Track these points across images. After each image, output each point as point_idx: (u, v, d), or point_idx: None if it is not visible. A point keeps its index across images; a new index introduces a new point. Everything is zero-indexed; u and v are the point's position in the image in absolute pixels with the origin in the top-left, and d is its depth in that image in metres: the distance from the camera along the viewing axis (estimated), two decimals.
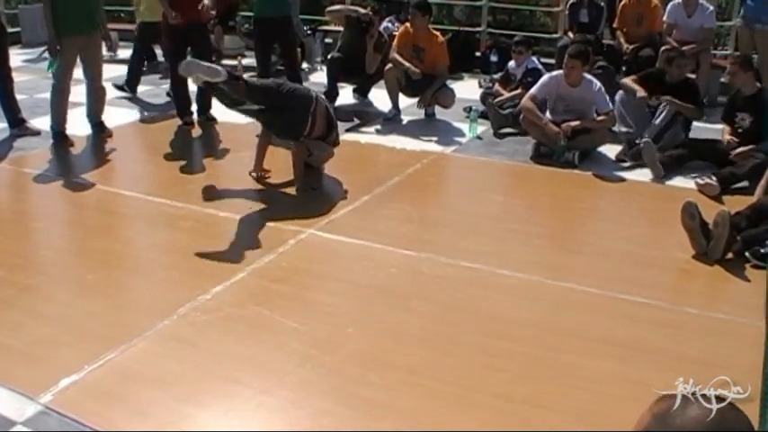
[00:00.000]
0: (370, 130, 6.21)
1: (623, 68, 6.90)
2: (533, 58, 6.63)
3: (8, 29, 6.82)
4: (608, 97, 5.39)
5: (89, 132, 5.92)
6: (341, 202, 4.52)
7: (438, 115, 6.54)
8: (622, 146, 5.41)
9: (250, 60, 7.87)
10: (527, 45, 6.69)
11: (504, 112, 6.11)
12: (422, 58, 6.37)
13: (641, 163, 5.15)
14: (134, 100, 7.13)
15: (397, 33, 6.72)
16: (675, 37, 6.70)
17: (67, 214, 4.62)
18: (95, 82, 5.80)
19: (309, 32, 8.80)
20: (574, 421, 2.49)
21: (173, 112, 6.38)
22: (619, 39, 7.12)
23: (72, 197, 4.71)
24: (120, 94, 7.10)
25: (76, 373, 2.70)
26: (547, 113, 5.47)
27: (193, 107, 6.30)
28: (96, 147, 5.75)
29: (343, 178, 4.92)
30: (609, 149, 5.49)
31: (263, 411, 2.58)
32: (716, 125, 5.42)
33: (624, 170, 5.19)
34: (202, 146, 5.96)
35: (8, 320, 3.13)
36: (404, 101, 6.56)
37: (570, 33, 7.22)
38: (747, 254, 3.71)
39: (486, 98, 6.47)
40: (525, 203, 4.93)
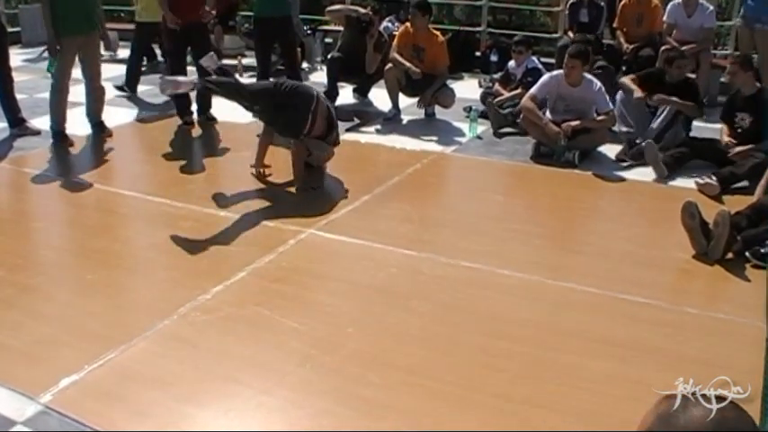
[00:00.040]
0: (370, 130, 6.21)
1: (623, 68, 6.90)
2: (533, 58, 6.63)
3: (8, 28, 6.83)
4: (608, 97, 5.39)
5: (89, 132, 5.92)
6: (341, 202, 4.52)
7: (438, 115, 6.55)
8: (622, 146, 5.41)
9: (250, 60, 7.87)
10: (527, 45, 6.69)
11: (503, 112, 6.11)
12: (422, 58, 6.36)
13: (642, 162, 5.15)
14: (134, 100, 7.14)
15: (397, 33, 6.71)
16: (675, 37, 6.70)
17: (67, 214, 4.62)
18: (94, 82, 5.80)
19: (309, 32, 8.80)
20: (574, 421, 2.49)
21: (173, 112, 6.38)
22: (619, 38, 7.13)
23: (72, 197, 4.70)
24: (120, 94, 7.11)
25: (77, 373, 2.70)
26: (547, 113, 5.47)
27: (193, 107, 6.31)
28: (96, 146, 5.75)
29: (343, 178, 4.92)
30: (609, 149, 5.49)
31: (264, 411, 2.57)
32: (716, 125, 5.42)
33: (624, 170, 5.19)
34: (202, 145, 5.96)
35: (8, 320, 3.13)
36: (404, 101, 6.56)
37: (570, 33, 7.22)
38: (747, 254, 3.71)
39: (486, 98, 6.48)
40: (525, 203, 4.93)
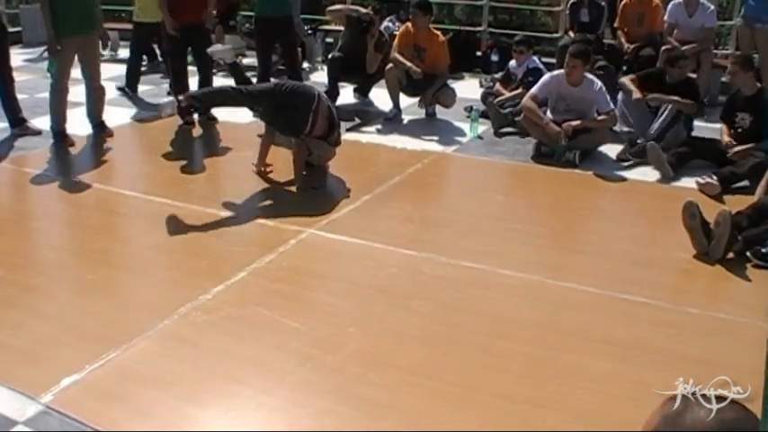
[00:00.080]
0: (370, 130, 6.21)
1: (624, 68, 6.89)
2: (534, 58, 6.63)
3: (9, 28, 6.83)
4: (609, 97, 5.39)
5: (90, 132, 5.92)
6: (342, 202, 4.52)
7: (439, 115, 6.54)
8: (624, 145, 5.41)
9: (251, 60, 7.87)
10: (528, 44, 6.69)
11: (504, 112, 6.11)
12: (422, 58, 6.36)
13: (643, 162, 5.15)
14: (135, 99, 7.13)
15: (398, 33, 6.71)
16: (676, 36, 6.70)
17: (68, 214, 4.62)
18: (94, 81, 5.81)
19: (310, 32, 8.80)
20: (574, 421, 2.49)
21: (173, 112, 6.37)
22: (619, 38, 7.12)
23: (72, 197, 4.70)
24: (120, 94, 7.11)
25: (77, 373, 2.70)
26: (548, 113, 5.47)
27: None
28: (97, 146, 5.75)
29: (344, 177, 4.92)
30: (610, 149, 5.49)
31: (264, 411, 2.57)
32: (717, 125, 5.40)
33: (625, 170, 5.19)
34: (203, 145, 5.96)
35: (9, 320, 3.13)
36: (405, 100, 6.56)
37: (571, 33, 7.22)
38: (748, 253, 3.70)
39: (486, 98, 6.48)
40: (526, 203, 4.93)
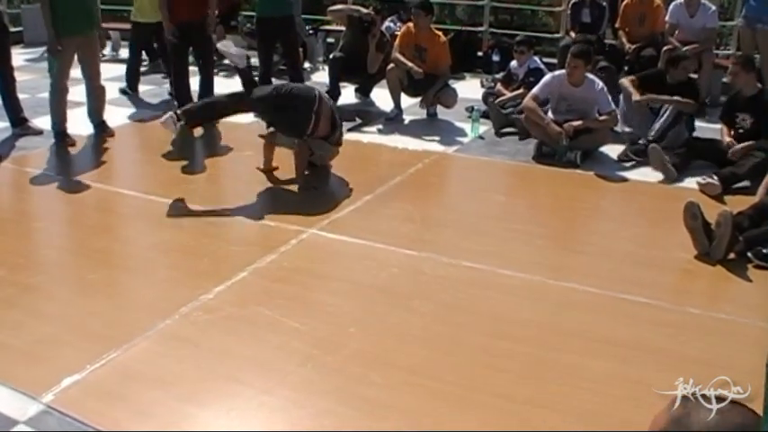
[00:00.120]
0: (372, 130, 6.21)
1: (625, 68, 6.89)
2: (535, 58, 6.62)
3: (10, 28, 6.83)
4: (610, 97, 5.38)
5: (91, 132, 5.92)
6: (343, 202, 4.52)
7: (440, 115, 6.54)
8: (625, 146, 5.41)
9: (252, 60, 7.86)
10: (529, 45, 6.69)
11: (504, 112, 6.10)
12: (424, 58, 6.36)
13: (644, 162, 5.14)
14: (135, 99, 7.13)
15: (399, 33, 6.71)
16: (678, 37, 6.68)
17: (69, 214, 4.62)
18: (94, 81, 5.81)
19: (311, 32, 8.79)
20: (574, 421, 2.49)
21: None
22: (621, 39, 7.11)
23: (73, 197, 4.70)
24: (122, 94, 7.12)
25: (78, 373, 2.70)
26: (549, 113, 5.47)
27: None
28: (98, 146, 5.75)
29: (345, 178, 4.92)
30: (611, 149, 5.49)
31: (265, 411, 2.58)
32: (718, 125, 5.40)
33: (626, 170, 5.18)
34: (204, 145, 5.96)
35: (9, 320, 3.13)
36: (406, 101, 6.56)
37: (572, 33, 7.21)
38: (750, 254, 3.70)
39: (487, 98, 6.47)
40: (527, 203, 4.92)
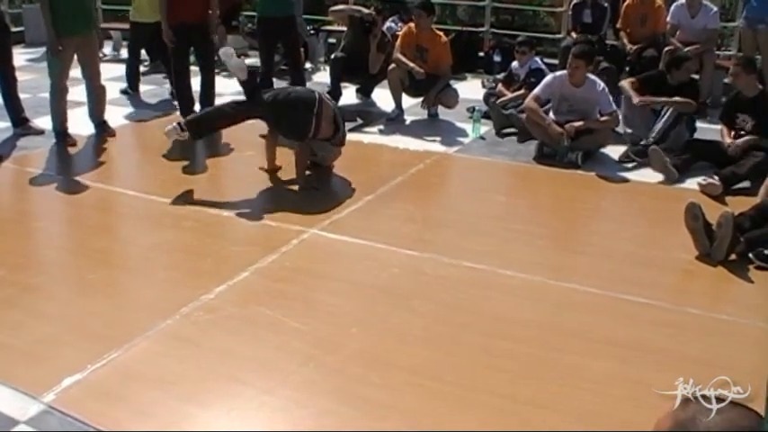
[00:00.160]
0: (373, 130, 6.21)
1: (626, 69, 6.89)
2: (536, 59, 6.62)
3: (12, 28, 6.83)
4: (611, 98, 5.38)
5: (92, 132, 5.93)
6: (344, 202, 4.52)
7: (441, 115, 6.54)
8: (626, 146, 5.40)
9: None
10: (530, 45, 6.69)
11: (505, 113, 6.10)
12: (425, 59, 6.36)
13: (645, 163, 5.14)
14: (136, 99, 7.14)
15: (401, 33, 6.71)
16: (679, 38, 6.69)
17: (69, 214, 4.62)
18: (94, 81, 5.81)
19: (313, 32, 8.79)
20: (575, 421, 2.49)
21: (175, 112, 6.37)
22: (622, 39, 7.11)
23: (74, 197, 4.70)
24: (123, 95, 7.12)
25: (79, 373, 2.70)
26: (550, 114, 5.46)
27: (196, 106, 6.30)
28: (98, 146, 5.75)
29: (346, 178, 4.92)
30: (612, 150, 5.49)
31: (266, 411, 2.58)
32: (719, 126, 5.40)
33: (627, 171, 5.18)
34: (205, 145, 5.94)
35: (10, 320, 3.13)
36: (407, 101, 6.56)
37: (573, 34, 7.21)
38: (751, 255, 3.70)
39: (489, 98, 6.48)
40: (528, 204, 4.92)
